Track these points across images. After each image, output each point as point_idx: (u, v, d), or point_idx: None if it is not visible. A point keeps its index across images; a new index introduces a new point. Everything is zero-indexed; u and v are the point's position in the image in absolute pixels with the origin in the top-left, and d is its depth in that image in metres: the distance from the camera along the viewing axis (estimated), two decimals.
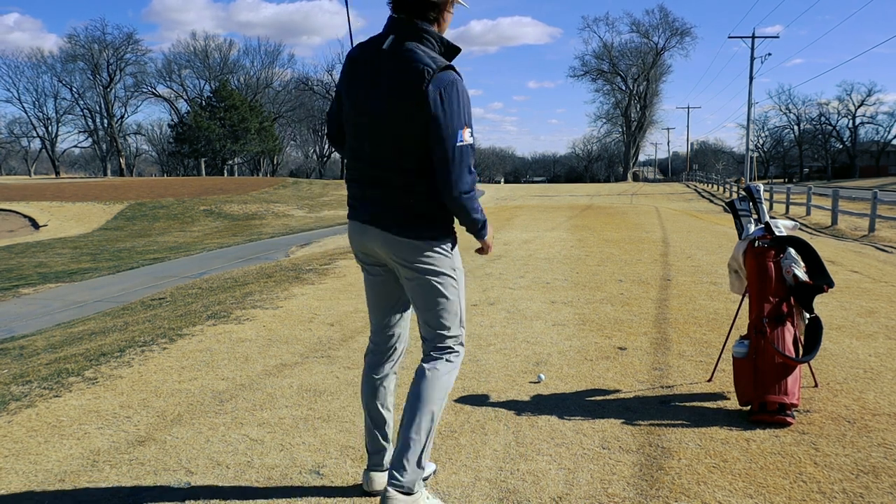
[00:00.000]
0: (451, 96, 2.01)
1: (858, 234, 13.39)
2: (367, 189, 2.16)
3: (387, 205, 2.12)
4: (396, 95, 2.02)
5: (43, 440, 2.86)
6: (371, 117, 2.08)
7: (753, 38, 41.07)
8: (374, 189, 2.14)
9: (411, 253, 2.13)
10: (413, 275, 2.16)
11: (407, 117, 2.02)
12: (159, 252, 17.13)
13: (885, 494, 2.31)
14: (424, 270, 2.15)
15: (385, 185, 2.11)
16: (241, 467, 2.57)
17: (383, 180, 2.11)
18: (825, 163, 70.60)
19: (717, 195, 32.00)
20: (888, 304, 5.34)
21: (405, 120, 2.03)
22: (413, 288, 2.20)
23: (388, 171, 2.09)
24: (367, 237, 2.19)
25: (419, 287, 2.18)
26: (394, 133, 2.06)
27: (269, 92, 70.54)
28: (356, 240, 2.25)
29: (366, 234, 2.19)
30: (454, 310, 2.22)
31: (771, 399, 2.90)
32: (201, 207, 29.12)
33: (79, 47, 64.40)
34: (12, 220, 25.70)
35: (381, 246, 2.17)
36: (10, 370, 4.32)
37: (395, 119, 2.04)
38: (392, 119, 2.04)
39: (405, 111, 2.02)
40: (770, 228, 3.27)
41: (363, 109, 2.10)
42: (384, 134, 2.07)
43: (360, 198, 2.20)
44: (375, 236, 2.16)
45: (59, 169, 70.57)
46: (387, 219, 2.12)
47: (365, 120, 2.10)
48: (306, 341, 4.44)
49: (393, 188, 2.10)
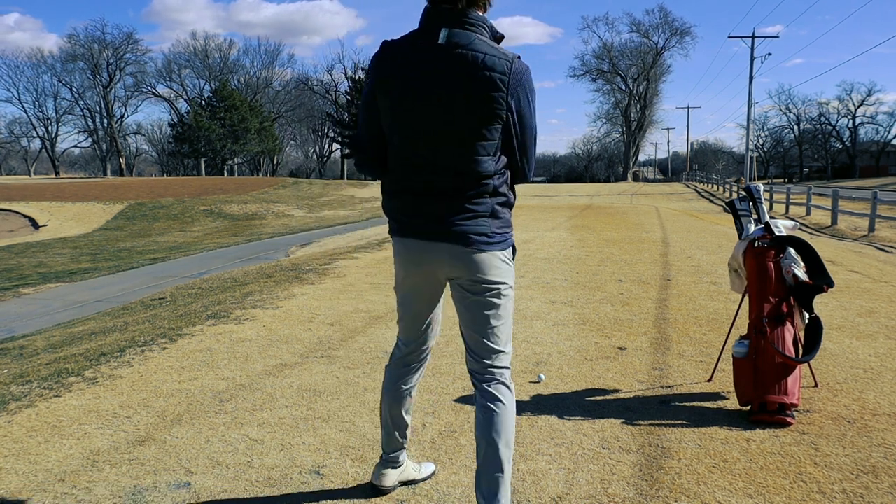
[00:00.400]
0: (530, 87, 1.92)
1: (858, 234, 13.39)
2: (429, 200, 1.94)
3: (458, 216, 1.92)
4: (473, 93, 1.84)
5: (43, 440, 2.86)
6: (438, 121, 1.88)
7: (753, 38, 41.10)
8: (438, 200, 1.93)
9: (485, 267, 1.96)
10: (481, 290, 1.98)
11: (485, 116, 1.86)
12: (159, 252, 17.13)
13: (885, 494, 2.31)
14: (494, 285, 1.99)
15: (454, 194, 1.91)
16: (241, 467, 2.57)
17: (452, 189, 1.91)
18: (825, 163, 70.61)
19: (717, 195, 32.00)
20: (888, 304, 5.34)
21: (483, 119, 1.86)
22: (477, 305, 2.00)
23: (458, 178, 1.90)
24: (430, 255, 1.98)
25: (485, 304, 2.00)
26: (468, 135, 1.87)
27: (269, 92, 70.56)
28: (413, 259, 2.02)
29: (428, 251, 1.97)
30: (511, 325, 2.09)
31: (771, 399, 2.90)
32: (201, 207, 29.12)
33: (79, 47, 64.48)
34: (12, 220, 25.69)
35: (449, 263, 1.97)
36: (10, 370, 4.32)
37: (469, 119, 1.86)
38: (466, 120, 1.86)
39: (483, 109, 1.86)
40: (770, 228, 3.27)
41: (426, 113, 1.89)
42: (455, 137, 1.88)
43: (415, 212, 1.97)
44: (442, 253, 1.96)
45: (59, 169, 70.57)
46: (459, 232, 1.92)
47: (429, 124, 1.89)
48: (306, 341, 4.44)
49: (463, 197, 1.92)
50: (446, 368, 3.77)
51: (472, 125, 1.87)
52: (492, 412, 1.97)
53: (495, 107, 1.86)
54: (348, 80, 62.40)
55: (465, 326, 2.06)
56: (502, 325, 2.04)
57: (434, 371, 3.72)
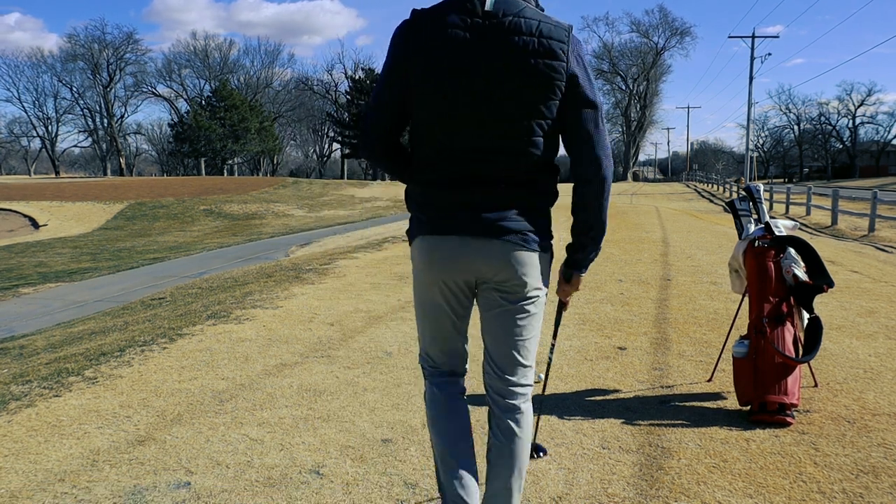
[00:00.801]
0: (587, 60, 1.72)
1: (858, 234, 13.39)
2: (471, 191, 1.69)
3: (507, 209, 1.69)
4: (528, 63, 1.62)
5: (43, 440, 2.86)
6: (486, 96, 1.63)
7: (753, 37, 41.09)
8: (483, 190, 1.69)
9: (531, 270, 1.73)
10: (520, 297, 1.76)
11: (543, 89, 1.63)
12: (159, 252, 17.14)
13: (885, 494, 2.31)
14: (535, 291, 1.77)
15: (502, 182, 1.68)
16: (241, 467, 2.57)
17: (500, 178, 1.68)
18: (825, 163, 70.60)
19: (717, 195, 32.00)
20: (888, 304, 5.34)
21: (540, 91, 1.63)
22: (511, 314, 1.78)
23: (508, 163, 1.67)
24: (466, 255, 1.71)
25: (520, 313, 1.78)
26: (522, 111, 1.64)
27: (269, 92, 70.56)
28: (444, 261, 1.74)
29: (465, 251, 1.71)
30: (538, 335, 1.87)
31: (771, 399, 2.90)
32: (201, 207, 29.12)
33: (79, 47, 64.48)
34: (12, 220, 25.69)
35: (488, 264, 1.71)
36: (10, 370, 4.32)
37: (524, 93, 1.63)
38: (520, 94, 1.63)
39: (541, 80, 1.63)
40: (770, 228, 3.27)
41: (472, 88, 1.63)
42: (506, 115, 1.64)
43: (453, 205, 1.71)
44: (482, 252, 1.70)
45: (59, 169, 70.57)
46: (508, 227, 1.69)
47: (475, 101, 1.64)
48: (306, 341, 4.44)
49: (513, 186, 1.69)
50: None
51: (528, 99, 1.64)
52: (511, 440, 1.80)
53: (554, 77, 1.64)
54: (348, 80, 62.48)
55: (492, 337, 1.83)
56: (533, 337, 1.84)
57: None
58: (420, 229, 1.78)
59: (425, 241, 1.77)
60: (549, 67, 1.63)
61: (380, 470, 2.53)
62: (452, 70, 1.64)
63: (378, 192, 37.85)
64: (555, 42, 1.64)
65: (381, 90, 1.74)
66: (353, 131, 58.42)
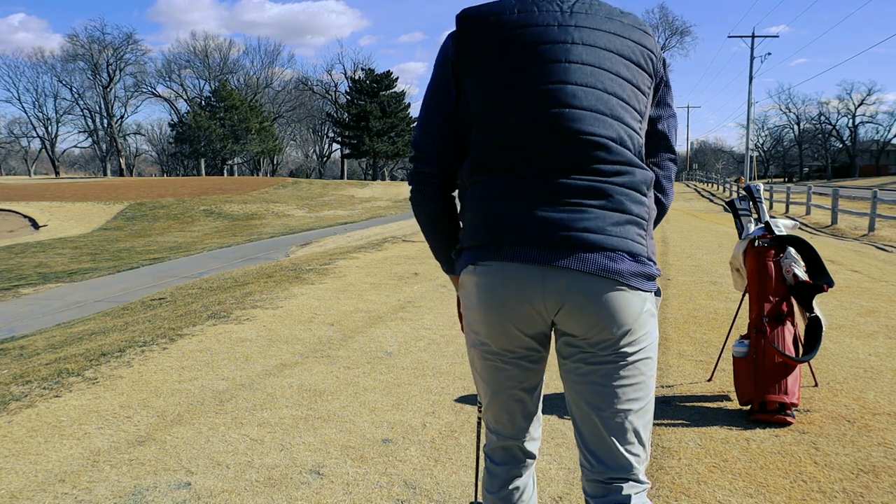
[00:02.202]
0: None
1: (858, 234, 13.39)
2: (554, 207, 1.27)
3: (603, 225, 1.27)
4: (624, 50, 1.36)
5: (43, 440, 2.86)
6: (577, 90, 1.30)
7: (753, 37, 41.09)
8: (571, 202, 1.27)
9: (633, 311, 1.29)
10: (619, 348, 1.30)
11: (634, 90, 1.36)
12: (159, 252, 17.14)
13: (885, 494, 2.31)
14: (642, 341, 1.32)
15: (596, 193, 1.28)
16: (241, 467, 2.57)
17: (593, 186, 1.29)
18: (825, 162, 70.62)
19: (717, 194, 31.99)
20: (888, 304, 5.34)
21: (631, 94, 1.35)
22: (608, 373, 1.32)
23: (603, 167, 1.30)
24: (546, 284, 1.26)
25: (621, 371, 1.32)
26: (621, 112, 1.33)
27: (269, 92, 70.58)
28: (512, 295, 1.29)
29: (544, 279, 1.26)
30: (652, 407, 1.39)
31: (771, 398, 2.90)
32: (201, 207, 29.12)
33: (79, 47, 64.50)
34: (12, 220, 25.69)
35: (572, 300, 1.27)
36: (10, 370, 4.32)
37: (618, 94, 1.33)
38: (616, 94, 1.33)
39: (637, 80, 1.37)
40: (770, 228, 3.27)
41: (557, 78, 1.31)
42: (603, 116, 1.30)
43: (530, 219, 1.28)
44: (566, 282, 1.26)
45: (59, 169, 70.58)
46: (604, 249, 1.26)
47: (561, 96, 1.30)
48: (306, 341, 4.44)
49: (611, 197, 1.29)
50: (446, 368, 3.76)
51: (624, 98, 1.34)
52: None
53: (651, 64, 1.39)
54: (348, 81, 62.50)
55: (584, 406, 1.36)
56: (645, 408, 1.36)
57: (434, 371, 3.72)
58: (476, 254, 1.34)
59: (484, 270, 1.32)
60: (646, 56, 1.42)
61: (380, 470, 2.53)
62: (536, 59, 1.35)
63: (378, 192, 37.85)
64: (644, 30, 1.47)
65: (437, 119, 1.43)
66: (353, 132, 58.47)
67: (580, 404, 1.37)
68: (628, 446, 1.35)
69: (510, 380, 1.41)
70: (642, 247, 1.30)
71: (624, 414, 1.34)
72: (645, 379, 1.35)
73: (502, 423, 1.49)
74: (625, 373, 1.32)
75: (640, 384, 1.34)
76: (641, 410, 1.35)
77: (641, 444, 1.37)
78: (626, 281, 1.26)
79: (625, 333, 1.29)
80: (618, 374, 1.32)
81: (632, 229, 1.30)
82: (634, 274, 1.28)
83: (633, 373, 1.33)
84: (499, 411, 1.48)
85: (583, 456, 1.41)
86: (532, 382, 1.44)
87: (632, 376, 1.33)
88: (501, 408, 1.47)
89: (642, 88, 1.38)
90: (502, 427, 1.50)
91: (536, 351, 1.39)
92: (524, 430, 1.52)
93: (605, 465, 1.37)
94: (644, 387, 1.35)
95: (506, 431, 1.51)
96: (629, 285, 1.27)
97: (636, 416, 1.35)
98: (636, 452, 1.36)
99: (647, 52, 1.39)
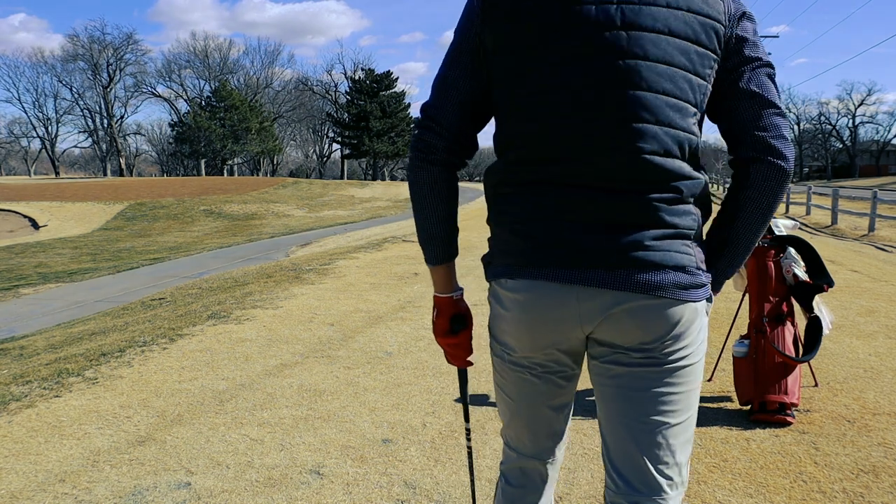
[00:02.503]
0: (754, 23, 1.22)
1: (858, 234, 13.38)
2: (596, 222, 1.13)
3: (649, 232, 1.12)
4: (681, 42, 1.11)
5: (43, 440, 2.86)
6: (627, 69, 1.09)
7: None
8: (616, 205, 1.12)
9: (686, 324, 1.15)
10: (659, 352, 1.15)
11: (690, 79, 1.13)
12: (159, 252, 17.14)
13: (885, 494, 2.31)
14: (685, 346, 1.17)
15: (643, 194, 1.12)
16: (241, 467, 2.57)
17: (639, 206, 1.12)
18: (825, 162, 70.63)
19: (717, 195, 31.98)
20: (888, 304, 5.34)
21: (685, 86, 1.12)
22: (641, 377, 1.17)
23: (652, 163, 1.11)
24: (582, 301, 1.13)
25: (656, 376, 1.16)
26: (670, 115, 1.11)
27: (269, 92, 70.61)
28: (548, 317, 1.16)
29: (582, 296, 1.13)
30: (693, 426, 1.23)
31: (771, 398, 2.91)
32: (201, 207, 29.12)
33: (79, 47, 64.53)
34: (12, 220, 25.70)
35: (625, 318, 1.13)
36: (10, 370, 4.32)
37: (670, 91, 1.11)
38: (666, 92, 1.11)
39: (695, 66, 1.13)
40: (770, 228, 3.27)
41: (604, 56, 1.10)
42: (649, 125, 1.10)
43: (567, 240, 1.13)
44: (619, 304, 1.12)
45: (59, 169, 70.58)
46: (651, 261, 1.11)
47: (609, 74, 1.10)
48: (306, 341, 4.44)
49: (660, 199, 1.12)
50: (446, 368, 3.76)
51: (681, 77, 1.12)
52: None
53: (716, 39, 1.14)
54: (348, 81, 62.54)
55: (613, 414, 1.21)
56: (684, 424, 1.20)
57: (434, 371, 3.72)
58: (506, 264, 1.20)
59: (516, 286, 1.18)
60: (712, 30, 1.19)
61: (380, 470, 2.53)
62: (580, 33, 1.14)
63: (378, 193, 37.85)
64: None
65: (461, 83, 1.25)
66: (353, 132, 58.50)
67: (608, 411, 1.22)
68: (660, 466, 1.17)
69: (538, 395, 1.28)
70: (690, 257, 1.15)
71: (659, 427, 1.16)
72: (687, 390, 1.18)
73: (523, 441, 1.36)
74: (665, 378, 1.16)
75: (681, 394, 1.17)
76: (680, 426, 1.18)
77: (677, 465, 1.19)
78: (673, 295, 1.12)
79: (670, 339, 1.14)
80: (656, 379, 1.16)
81: (676, 242, 1.14)
82: (682, 286, 1.13)
83: (675, 380, 1.16)
84: (521, 428, 1.34)
85: (607, 473, 1.25)
86: (561, 401, 1.31)
87: (673, 384, 1.16)
88: (524, 424, 1.33)
89: (702, 73, 1.14)
90: (523, 445, 1.36)
91: (570, 368, 1.27)
92: (548, 451, 1.37)
93: (631, 485, 1.18)
94: (686, 399, 1.18)
95: (527, 450, 1.37)
96: (677, 298, 1.12)
97: (673, 433, 1.17)
98: (669, 475, 1.18)
99: (710, 24, 1.14)
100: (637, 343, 1.15)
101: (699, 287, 1.16)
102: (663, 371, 1.16)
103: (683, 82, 1.12)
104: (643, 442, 1.17)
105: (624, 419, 1.18)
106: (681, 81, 1.12)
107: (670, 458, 1.18)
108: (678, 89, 1.12)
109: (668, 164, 1.12)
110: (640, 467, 1.18)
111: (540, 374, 1.25)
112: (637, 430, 1.17)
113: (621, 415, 1.18)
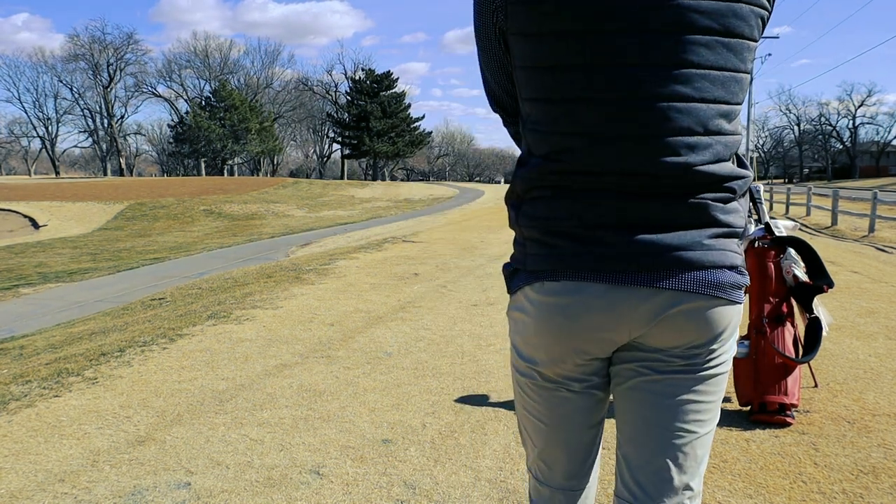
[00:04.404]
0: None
1: (858, 235, 13.38)
2: (642, 213, 1.04)
3: (700, 231, 1.06)
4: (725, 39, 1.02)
5: (43, 440, 2.86)
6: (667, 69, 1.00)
7: None
8: (665, 209, 1.04)
9: (729, 328, 1.10)
10: (697, 359, 1.10)
11: (734, 77, 1.05)
12: (159, 252, 17.13)
13: (885, 495, 2.31)
14: (722, 353, 1.12)
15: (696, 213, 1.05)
16: (241, 467, 2.57)
17: (691, 194, 1.05)
18: (825, 163, 70.66)
19: None
20: (888, 305, 5.34)
21: (732, 85, 1.05)
22: (676, 385, 1.11)
23: (703, 178, 1.04)
24: (624, 309, 1.05)
25: (691, 384, 1.11)
26: (718, 123, 1.05)
27: (269, 92, 70.64)
28: (592, 325, 1.07)
29: (626, 303, 1.05)
30: (712, 438, 1.18)
31: (771, 399, 2.91)
32: (201, 207, 29.11)
33: (79, 47, 64.56)
34: (12, 220, 25.69)
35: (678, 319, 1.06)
36: (10, 370, 4.32)
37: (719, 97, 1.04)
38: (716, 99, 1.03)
39: (736, 64, 1.04)
40: (770, 229, 3.27)
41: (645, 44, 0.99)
42: (698, 137, 1.03)
43: (610, 230, 1.04)
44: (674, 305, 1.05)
45: (59, 169, 70.59)
46: (701, 262, 1.04)
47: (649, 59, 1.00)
48: (306, 341, 4.44)
49: (710, 197, 1.06)
50: (446, 369, 3.76)
51: (725, 92, 1.04)
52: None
53: (757, 26, 1.05)
54: (348, 81, 62.58)
55: (640, 421, 1.15)
56: (709, 434, 1.15)
57: (434, 371, 3.72)
58: (535, 269, 1.09)
59: (547, 291, 1.08)
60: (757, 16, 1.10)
61: (380, 470, 2.53)
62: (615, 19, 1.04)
63: (378, 193, 37.86)
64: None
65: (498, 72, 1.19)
66: (353, 132, 58.53)
67: (634, 418, 1.14)
68: (685, 477, 1.13)
69: (577, 413, 1.18)
70: (740, 257, 1.11)
71: (689, 437, 1.11)
72: (716, 399, 1.14)
73: (558, 469, 1.25)
74: (699, 387, 1.11)
75: (711, 403, 1.13)
76: (705, 437, 1.14)
77: (699, 475, 1.15)
78: (727, 295, 1.06)
79: (718, 342, 1.09)
80: (692, 386, 1.11)
81: (730, 241, 1.10)
82: (737, 286, 1.08)
83: (709, 388, 1.12)
84: (556, 455, 1.23)
85: (622, 481, 1.18)
86: (599, 416, 1.22)
87: (706, 392, 1.11)
88: (561, 450, 1.22)
89: (748, 67, 1.07)
90: (557, 475, 1.25)
91: (606, 377, 1.19)
92: (584, 476, 1.26)
93: (650, 495, 1.13)
94: (715, 408, 1.14)
95: (559, 481, 1.25)
96: (729, 299, 1.07)
97: (700, 442, 1.13)
98: (693, 487, 1.15)
99: (759, 13, 1.05)
100: (686, 346, 1.08)
101: (741, 287, 1.10)
102: (698, 378, 1.11)
103: (734, 84, 1.05)
104: (671, 452, 1.12)
105: (655, 429, 1.12)
106: (732, 85, 1.05)
107: (695, 468, 1.14)
108: (729, 94, 1.05)
109: (720, 170, 1.06)
110: (664, 478, 1.13)
111: (578, 391, 1.17)
112: (666, 440, 1.12)
113: (651, 424, 1.12)
